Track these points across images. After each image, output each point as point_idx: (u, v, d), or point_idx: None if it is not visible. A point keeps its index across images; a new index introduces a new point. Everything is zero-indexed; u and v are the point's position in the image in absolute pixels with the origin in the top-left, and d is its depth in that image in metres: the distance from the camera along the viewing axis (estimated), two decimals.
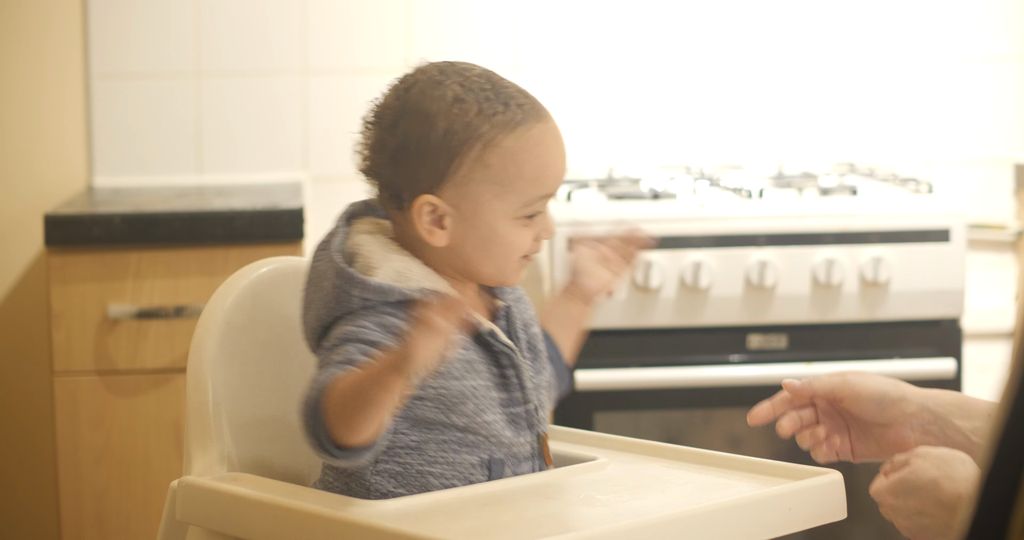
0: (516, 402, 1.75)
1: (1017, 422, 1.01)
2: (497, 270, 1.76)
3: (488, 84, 1.75)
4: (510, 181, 1.72)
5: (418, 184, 1.73)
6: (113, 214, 2.97)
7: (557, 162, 1.77)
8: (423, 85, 1.75)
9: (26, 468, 3.44)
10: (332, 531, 1.58)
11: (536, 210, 1.75)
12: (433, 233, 1.73)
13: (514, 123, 1.74)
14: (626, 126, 3.56)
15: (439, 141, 1.72)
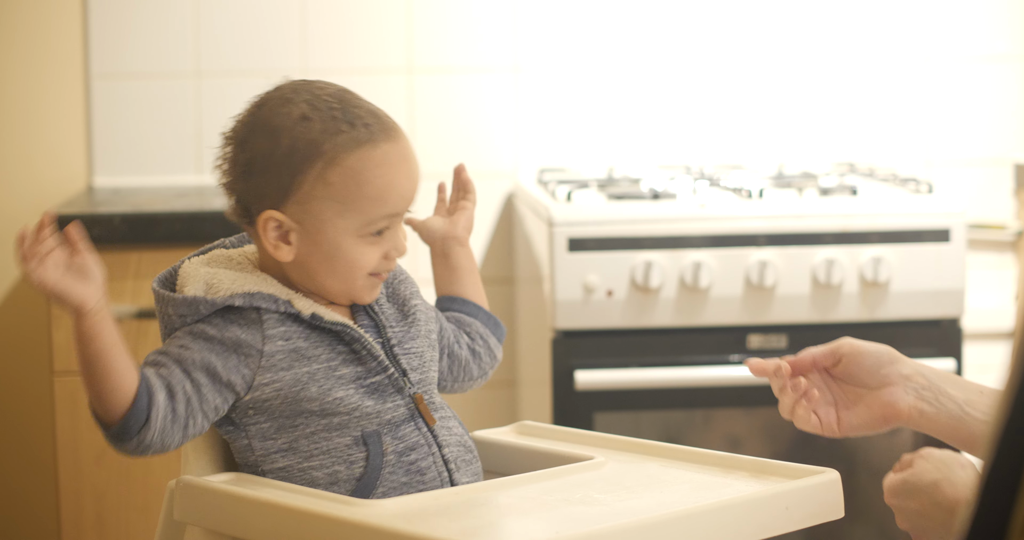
0: (373, 371, 1.76)
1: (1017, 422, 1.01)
2: (344, 287, 1.78)
3: (338, 103, 1.78)
4: (352, 199, 1.75)
5: (264, 199, 1.76)
6: (113, 214, 2.97)
7: (402, 182, 1.78)
8: (274, 102, 1.78)
9: (26, 468, 3.44)
10: (330, 531, 1.58)
11: (381, 228, 1.78)
12: (279, 248, 1.76)
13: (358, 142, 1.76)
14: (626, 126, 3.56)
15: (283, 157, 1.75)
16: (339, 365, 1.76)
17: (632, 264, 3.00)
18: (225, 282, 1.75)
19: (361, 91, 3.73)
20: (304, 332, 1.75)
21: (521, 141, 3.53)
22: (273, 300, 1.74)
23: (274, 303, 1.74)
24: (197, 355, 1.72)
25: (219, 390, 1.72)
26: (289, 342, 1.74)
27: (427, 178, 3.52)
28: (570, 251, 3.00)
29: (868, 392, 1.79)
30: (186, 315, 1.74)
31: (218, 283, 1.75)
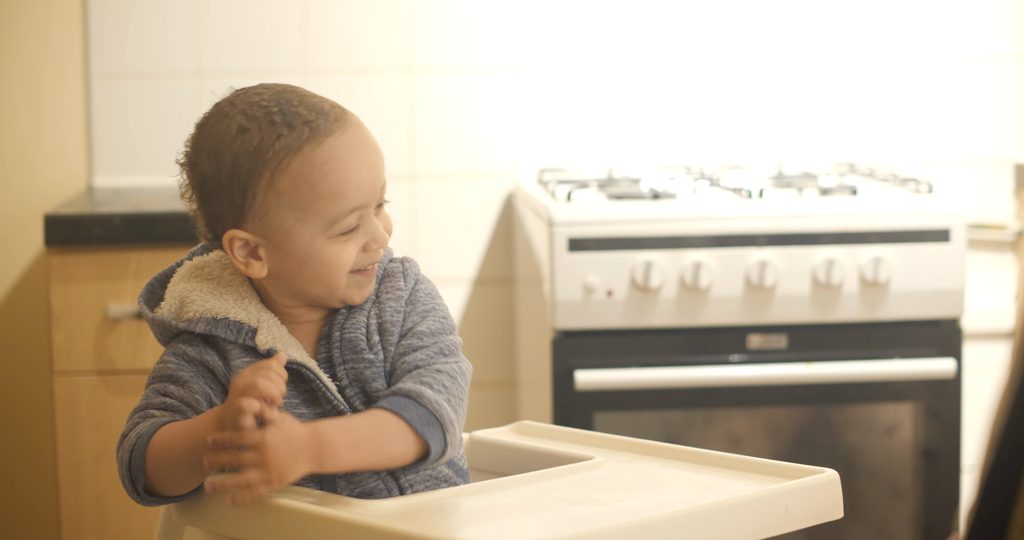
0: (329, 413, 1.71)
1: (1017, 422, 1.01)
2: (327, 290, 1.72)
3: (275, 106, 1.71)
4: (308, 203, 1.69)
5: (224, 220, 1.72)
6: (113, 214, 2.97)
7: (355, 173, 1.70)
8: (213, 120, 1.74)
9: (26, 468, 3.44)
10: (330, 531, 1.58)
11: (350, 225, 1.71)
12: (250, 265, 1.72)
13: (299, 144, 1.69)
14: (626, 126, 3.56)
15: (229, 176, 1.70)
16: (300, 404, 1.71)
17: (632, 264, 3.00)
18: (197, 302, 1.72)
19: (361, 91, 3.75)
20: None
21: (521, 141, 3.53)
22: (236, 329, 1.71)
23: (236, 333, 1.71)
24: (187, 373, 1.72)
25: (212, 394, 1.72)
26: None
27: (427, 178, 3.53)
28: (570, 251, 3.00)
29: None
30: (159, 333, 1.75)
31: (191, 303, 1.73)
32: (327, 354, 1.74)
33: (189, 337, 1.72)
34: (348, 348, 1.74)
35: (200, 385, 1.70)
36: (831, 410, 3.10)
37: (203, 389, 1.70)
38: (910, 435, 3.08)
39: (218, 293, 1.74)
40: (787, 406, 3.08)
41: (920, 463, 3.09)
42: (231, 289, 1.75)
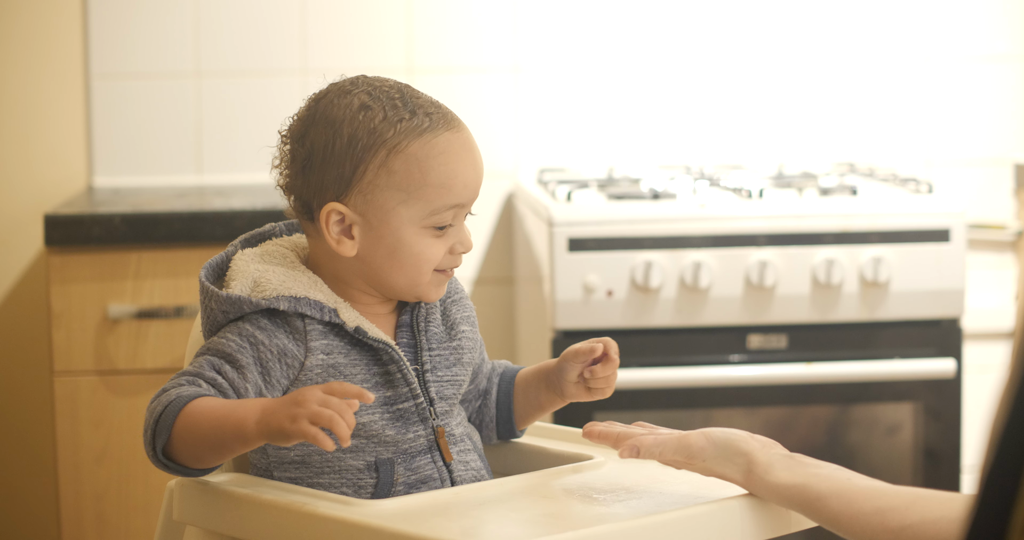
0: (403, 397, 1.73)
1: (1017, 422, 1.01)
2: (409, 283, 1.74)
3: (398, 93, 1.75)
4: (415, 188, 1.71)
5: (325, 192, 1.73)
6: (113, 214, 2.98)
7: (466, 172, 1.74)
8: (332, 95, 1.76)
9: (26, 468, 3.44)
10: (330, 531, 1.58)
11: (445, 221, 1.74)
12: (342, 243, 1.73)
13: (420, 130, 1.73)
14: (626, 126, 3.56)
15: (344, 148, 1.72)
16: (372, 388, 1.72)
17: (632, 264, 3.00)
18: (273, 282, 1.71)
19: None
20: (345, 347, 1.71)
21: (521, 141, 3.53)
22: (319, 308, 1.70)
23: (319, 311, 1.70)
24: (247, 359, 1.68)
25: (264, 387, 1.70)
26: (329, 357, 1.70)
27: None
28: (570, 251, 3.00)
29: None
30: (228, 312, 1.70)
31: (266, 282, 1.71)
32: (410, 340, 1.77)
33: (257, 319, 1.70)
34: (433, 338, 1.78)
35: (254, 375, 1.68)
36: (831, 410, 3.10)
37: (256, 381, 1.68)
38: (910, 435, 3.08)
39: (293, 275, 1.73)
40: (787, 406, 3.08)
41: (920, 463, 3.09)
42: (301, 274, 1.74)
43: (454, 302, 1.81)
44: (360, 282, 1.76)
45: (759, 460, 1.66)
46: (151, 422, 1.63)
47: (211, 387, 1.65)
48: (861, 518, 1.59)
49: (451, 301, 1.81)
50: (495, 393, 1.86)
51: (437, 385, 1.76)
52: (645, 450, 1.68)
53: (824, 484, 1.63)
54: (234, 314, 1.70)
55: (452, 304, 1.81)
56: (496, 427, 1.86)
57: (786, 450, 1.70)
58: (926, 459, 3.08)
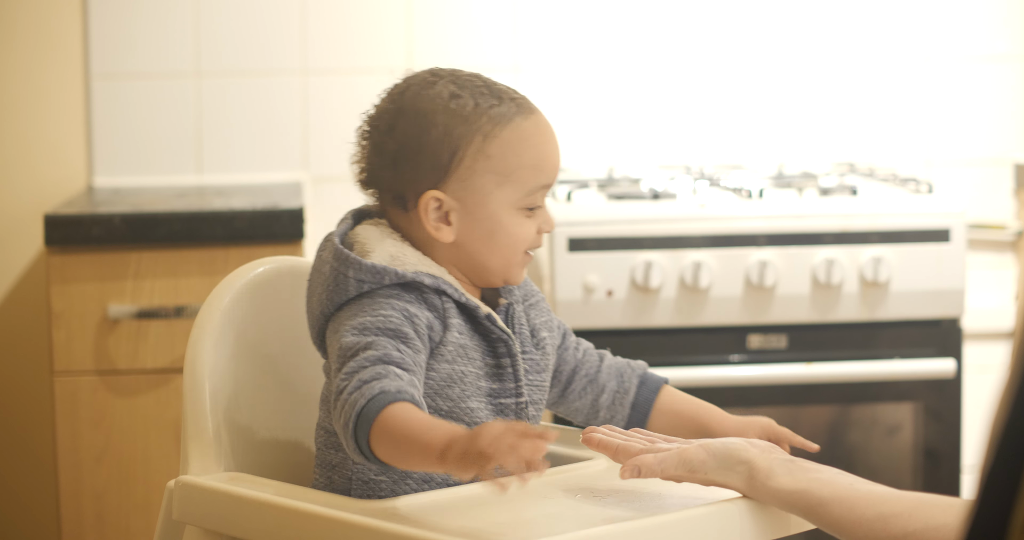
0: (508, 393, 1.75)
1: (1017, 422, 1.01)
2: (503, 264, 1.77)
3: (480, 81, 1.81)
4: (511, 170, 1.75)
5: (421, 182, 1.75)
6: (113, 214, 2.98)
7: (553, 152, 1.79)
8: (417, 87, 1.80)
9: (26, 468, 3.44)
10: (329, 530, 1.58)
11: (537, 202, 1.77)
12: (440, 229, 1.75)
13: (510, 114, 1.77)
14: (626, 126, 3.56)
15: (439, 137, 1.75)
16: (484, 375, 1.74)
17: (632, 264, 3.00)
18: (411, 258, 1.73)
19: (361, 91, 3.74)
20: (470, 331, 1.74)
21: None
22: (454, 288, 1.72)
23: (456, 291, 1.72)
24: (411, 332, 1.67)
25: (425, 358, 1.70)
26: (462, 336, 1.72)
27: None
28: (570, 251, 3.00)
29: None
30: (365, 281, 1.70)
31: (404, 257, 1.73)
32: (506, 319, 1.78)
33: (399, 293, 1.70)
34: (525, 342, 1.79)
35: (422, 346, 1.68)
36: (831, 410, 3.10)
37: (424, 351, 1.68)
38: (910, 435, 3.08)
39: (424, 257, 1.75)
40: (787, 406, 3.08)
41: (920, 463, 3.09)
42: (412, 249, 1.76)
43: (532, 306, 1.83)
44: (453, 270, 1.77)
45: (760, 466, 1.66)
46: (352, 414, 1.59)
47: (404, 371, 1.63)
48: (864, 524, 1.59)
49: (529, 305, 1.83)
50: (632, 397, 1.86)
51: (529, 388, 1.78)
52: (646, 470, 1.69)
53: (826, 489, 1.63)
54: (371, 285, 1.70)
55: (530, 308, 1.83)
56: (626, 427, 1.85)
57: (787, 454, 1.70)
58: (926, 459, 3.08)
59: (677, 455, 1.69)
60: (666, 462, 1.69)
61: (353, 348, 1.66)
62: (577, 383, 1.87)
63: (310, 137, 3.49)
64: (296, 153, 3.49)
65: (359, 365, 1.64)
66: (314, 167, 3.49)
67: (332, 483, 1.75)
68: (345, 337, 1.68)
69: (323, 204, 3.46)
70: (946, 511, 1.56)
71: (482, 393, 1.73)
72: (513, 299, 1.81)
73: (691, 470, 1.68)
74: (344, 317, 1.71)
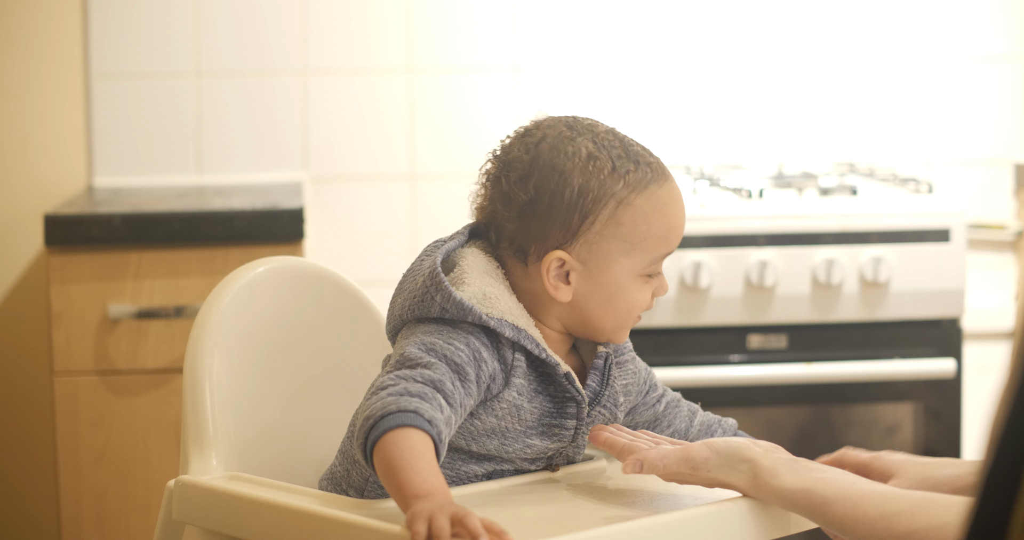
0: (556, 451, 1.75)
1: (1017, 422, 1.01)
2: (616, 327, 1.76)
3: (617, 142, 1.76)
4: (640, 239, 1.73)
5: (548, 240, 1.73)
6: (113, 214, 2.98)
7: (681, 221, 1.77)
8: (553, 140, 1.76)
9: (26, 468, 3.44)
10: (329, 531, 1.58)
11: (658, 269, 1.76)
12: (559, 289, 1.73)
13: (645, 182, 1.74)
14: (626, 126, 3.56)
15: (573, 198, 1.72)
16: (536, 435, 1.73)
17: None
18: (501, 304, 1.70)
19: (361, 91, 3.75)
20: (532, 393, 1.71)
21: None
22: (535, 344, 1.70)
23: (536, 347, 1.70)
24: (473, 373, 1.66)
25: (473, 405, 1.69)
26: (520, 397, 1.70)
27: (427, 178, 3.53)
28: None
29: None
30: (449, 311, 1.68)
31: (495, 300, 1.70)
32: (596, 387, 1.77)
33: (479, 334, 1.69)
34: (612, 394, 1.77)
35: (475, 392, 1.66)
36: (831, 410, 3.10)
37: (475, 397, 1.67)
38: (910, 435, 3.08)
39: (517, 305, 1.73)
40: (787, 406, 3.08)
41: None
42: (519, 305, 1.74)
43: (618, 364, 1.80)
44: (555, 321, 1.76)
45: (764, 465, 1.66)
46: (378, 412, 1.58)
47: (447, 406, 1.61)
48: (867, 523, 1.59)
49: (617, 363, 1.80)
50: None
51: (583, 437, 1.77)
52: (648, 465, 1.69)
53: (830, 488, 1.63)
54: (453, 315, 1.68)
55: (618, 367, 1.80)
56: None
57: (789, 454, 1.70)
58: None
59: (680, 452, 1.69)
60: (669, 458, 1.69)
61: (415, 360, 1.65)
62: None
63: (310, 137, 3.49)
64: (296, 153, 3.49)
65: (413, 376, 1.62)
66: (314, 167, 3.49)
67: (349, 475, 1.75)
68: (412, 347, 1.67)
69: (323, 204, 3.46)
70: (949, 509, 1.56)
71: (531, 451, 1.72)
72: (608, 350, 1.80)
73: (694, 468, 1.68)
74: (421, 329, 1.69)
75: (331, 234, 3.47)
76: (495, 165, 1.77)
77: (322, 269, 1.97)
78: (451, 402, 1.62)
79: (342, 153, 3.49)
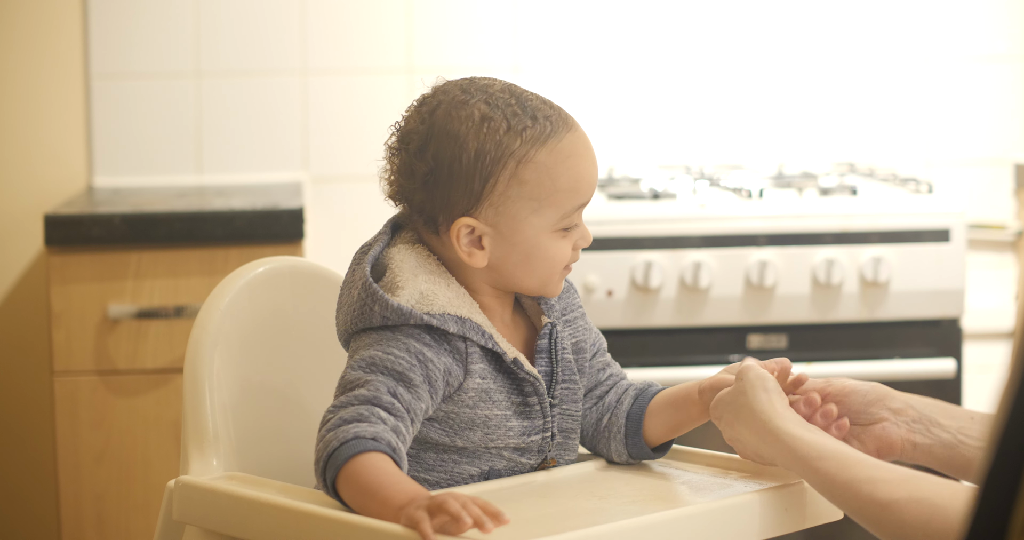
0: (535, 430, 1.74)
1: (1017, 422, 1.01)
2: (540, 283, 1.74)
3: (512, 98, 1.73)
4: (547, 195, 1.71)
5: (453, 207, 1.71)
6: (113, 214, 2.98)
7: (590, 170, 1.74)
8: (447, 106, 1.72)
9: (26, 468, 3.44)
10: (329, 530, 1.58)
11: (573, 222, 1.74)
12: (473, 255, 1.72)
13: (544, 136, 1.71)
14: (626, 126, 3.56)
15: (471, 162, 1.70)
16: (512, 416, 1.72)
17: (632, 264, 3.00)
18: (440, 299, 1.69)
19: (361, 91, 3.75)
20: (494, 372, 1.71)
21: None
22: (482, 333, 1.69)
23: (482, 337, 1.69)
24: (418, 377, 1.65)
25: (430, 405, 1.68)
26: (484, 381, 1.70)
27: None
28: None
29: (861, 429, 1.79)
30: (389, 318, 1.67)
31: (433, 296, 1.69)
32: (547, 368, 1.76)
33: (420, 334, 1.67)
34: (567, 368, 1.77)
35: (426, 395, 1.66)
36: None
37: (427, 399, 1.66)
38: None
39: (457, 293, 1.71)
40: None
41: None
42: (454, 287, 1.73)
43: (569, 322, 1.80)
44: (487, 288, 1.75)
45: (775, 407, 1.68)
46: (323, 454, 1.59)
47: (389, 415, 1.61)
48: (853, 485, 1.59)
49: (567, 321, 1.80)
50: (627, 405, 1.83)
51: (560, 418, 1.76)
52: None
53: (829, 444, 1.64)
54: (395, 322, 1.67)
55: (567, 325, 1.80)
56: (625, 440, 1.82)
57: None
58: None
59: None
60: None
61: (351, 383, 1.65)
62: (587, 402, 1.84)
63: (310, 137, 3.49)
64: (296, 153, 3.49)
65: (347, 401, 1.63)
66: (314, 167, 3.49)
67: None
68: (349, 369, 1.67)
69: (323, 204, 3.46)
70: (934, 487, 1.56)
71: (512, 432, 1.72)
72: (554, 316, 1.78)
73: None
74: (363, 342, 1.69)
75: (331, 234, 3.47)
76: (396, 137, 1.75)
77: (322, 269, 1.97)
78: (394, 412, 1.62)
79: (342, 153, 3.49)
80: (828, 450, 1.63)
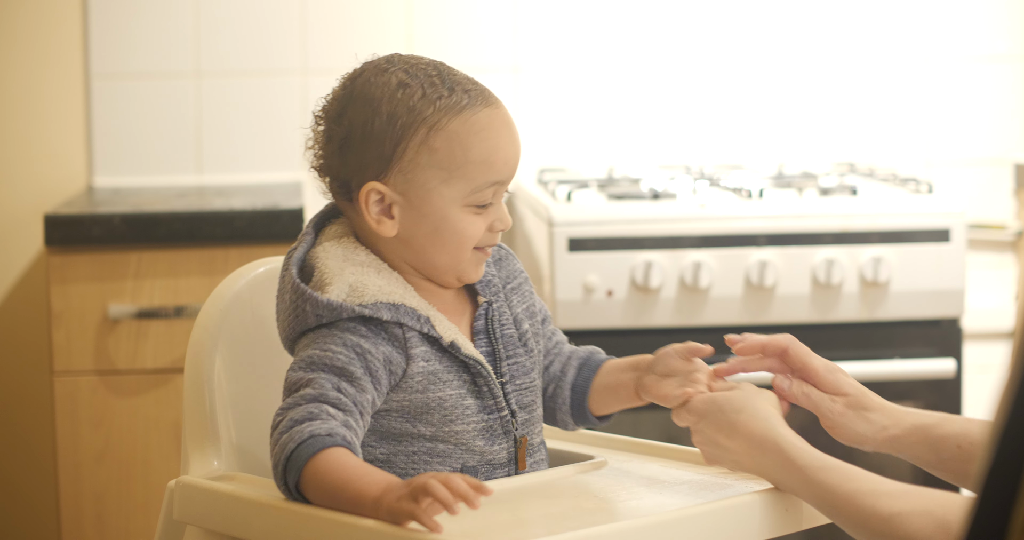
0: (489, 409, 1.72)
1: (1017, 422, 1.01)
2: (451, 261, 1.72)
3: (435, 71, 1.75)
4: (457, 166, 1.69)
5: (364, 172, 1.70)
6: (113, 214, 2.98)
7: (506, 147, 1.73)
8: (368, 73, 1.73)
9: (26, 468, 3.44)
10: (329, 531, 1.58)
11: (486, 199, 1.72)
12: (382, 223, 1.71)
13: (460, 107, 1.72)
14: (626, 126, 3.56)
15: (383, 126, 1.69)
16: (467, 394, 1.71)
17: (632, 264, 3.00)
18: (371, 287, 1.68)
19: None
20: (438, 353, 1.69)
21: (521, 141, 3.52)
22: (416, 317, 1.68)
23: (417, 321, 1.68)
24: (359, 370, 1.65)
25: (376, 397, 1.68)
26: (428, 364, 1.68)
27: None
28: (570, 251, 3.00)
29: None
30: (323, 315, 1.67)
31: (363, 287, 1.68)
32: (488, 348, 1.75)
33: (355, 327, 1.67)
34: (509, 344, 1.76)
35: (370, 387, 1.65)
36: None
37: (371, 391, 1.65)
38: None
39: (387, 280, 1.70)
40: None
41: None
42: (385, 273, 1.71)
43: (513, 289, 1.79)
44: (407, 267, 1.74)
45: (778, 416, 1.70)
46: (281, 457, 1.59)
47: (339, 411, 1.61)
48: (857, 497, 1.59)
49: (511, 289, 1.79)
50: (571, 376, 1.83)
51: (517, 394, 1.75)
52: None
53: (831, 458, 1.65)
54: (329, 319, 1.67)
55: (512, 293, 1.79)
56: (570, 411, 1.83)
57: None
58: None
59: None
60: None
61: (295, 384, 1.65)
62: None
63: None
64: (296, 153, 3.49)
65: (294, 402, 1.62)
66: None
67: None
68: (291, 371, 1.67)
69: (323, 204, 3.45)
70: (936, 500, 1.57)
71: (470, 411, 1.71)
72: (493, 292, 1.77)
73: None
74: (302, 345, 1.69)
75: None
76: (319, 108, 1.76)
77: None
78: (341, 406, 1.62)
79: None
80: (831, 462, 1.64)
